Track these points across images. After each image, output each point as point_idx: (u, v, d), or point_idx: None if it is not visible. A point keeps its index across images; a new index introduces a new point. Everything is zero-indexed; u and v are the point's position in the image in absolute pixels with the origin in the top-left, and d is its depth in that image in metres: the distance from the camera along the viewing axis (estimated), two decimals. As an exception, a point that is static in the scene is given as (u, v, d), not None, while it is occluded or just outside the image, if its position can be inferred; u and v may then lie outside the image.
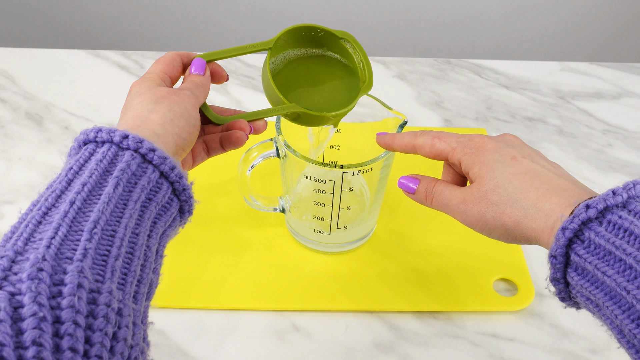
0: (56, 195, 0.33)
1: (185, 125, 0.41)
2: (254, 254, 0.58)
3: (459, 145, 0.40)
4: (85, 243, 0.31)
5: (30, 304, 0.26)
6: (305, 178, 0.53)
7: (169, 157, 0.37)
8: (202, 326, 0.53)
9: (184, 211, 0.40)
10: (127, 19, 1.45)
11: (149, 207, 0.36)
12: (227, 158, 0.66)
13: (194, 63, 0.46)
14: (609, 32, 1.49)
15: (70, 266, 0.29)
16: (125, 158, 0.36)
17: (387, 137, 0.46)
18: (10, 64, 0.81)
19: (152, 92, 0.41)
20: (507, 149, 0.39)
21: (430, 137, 0.42)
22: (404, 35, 1.48)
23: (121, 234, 0.33)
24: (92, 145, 0.36)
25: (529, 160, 0.38)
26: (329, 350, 0.52)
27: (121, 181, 0.35)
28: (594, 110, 0.79)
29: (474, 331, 0.54)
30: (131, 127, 0.38)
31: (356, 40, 0.50)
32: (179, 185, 0.38)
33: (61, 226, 0.31)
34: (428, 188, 0.43)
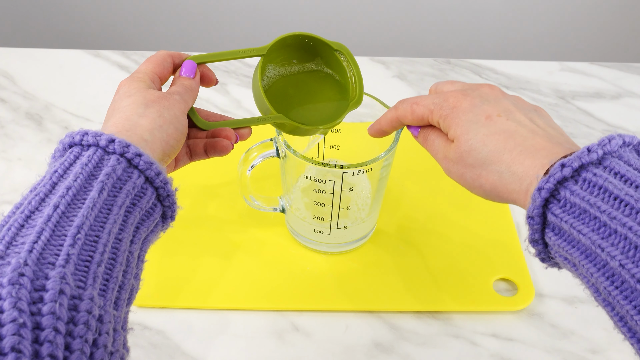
0: (40, 199, 0.33)
1: (173, 132, 0.40)
2: (254, 254, 0.58)
3: (435, 108, 0.40)
4: (68, 249, 0.30)
5: (10, 310, 0.26)
6: (305, 178, 0.53)
7: (155, 162, 0.37)
8: (202, 326, 0.53)
9: (167, 217, 0.40)
10: (127, 19, 1.45)
11: (133, 213, 0.36)
12: (227, 158, 0.66)
13: (184, 65, 0.45)
14: (609, 32, 1.49)
15: (52, 272, 0.29)
16: (111, 162, 0.35)
17: (374, 124, 0.46)
18: (10, 64, 0.81)
19: (143, 95, 0.40)
20: (482, 107, 0.39)
21: (409, 103, 0.42)
22: (404, 35, 1.48)
23: (104, 240, 0.33)
24: (78, 148, 0.36)
25: (504, 117, 0.38)
26: (329, 350, 0.52)
27: (106, 186, 0.34)
28: (594, 110, 0.79)
29: (474, 331, 0.54)
30: (119, 131, 0.38)
31: (350, 53, 0.50)
32: (163, 191, 0.38)
33: (44, 230, 0.30)
34: (425, 134, 0.43)
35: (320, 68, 0.52)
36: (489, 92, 0.40)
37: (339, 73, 0.51)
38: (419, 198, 0.64)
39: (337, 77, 0.51)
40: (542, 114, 0.39)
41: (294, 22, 1.44)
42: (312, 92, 0.51)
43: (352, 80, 0.50)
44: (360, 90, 0.50)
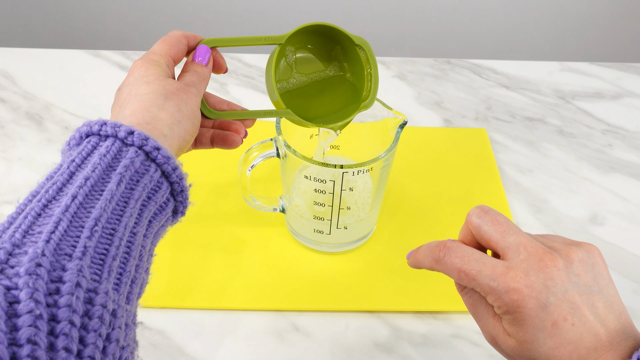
0: (57, 188, 0.32)
1: (190, 128, 0.40)
2: (254, 254, 0.58)
3: (492, 293, 0.35)
4: (86, 240, 0.30)
5: (26, 300, 0.26)
6: (305, 178, 0.53)
7: (172, 157, 0.37)
8: (202, 326, 0.53)
9: (177, 212, 0.39)
10: (127, 19, 1.45)
11: (148, 206, 0.35)
12: (227, 158, 0.66)
13: (198, 50, 0.44)
14: (609, 32, 1.49)
15: (69, 264, 0.28)
16: (129, 154, 0.35)
17: (411, 258, 0.40)
18: (10, 64, 0.81)
19: (162, 85, 0.40)
20: (548, 309, 0.34)
21: (456, 268, 0.36)
22: (404, 35, 1.48)
23: (120, 233, 0.32)
24: (95, 138, 0.35)
25: (570, 321, 0.33)
26: (329, 350, 0.52)
27: (124, 178, 0.34)
28: (594, 110, 0.79)
29: (474, 331, 0.54)
30: (139, 123, 0.37)
31: (371, 50, 0.48)
32: (178, 186, 0.38)
33: (62, 220, 0.30)
34: (472, 300, 0.38)
35: (337, 64, 0.50)
36: (555, 275, 0.34)
37: (356, 69, 0.50)
38: (419, 198, 0.64)
39: (350, 76, 0.50)
40: (598, 274, 0.35)
41: (295, 21, 1.44)
42: (325, 89, 0.51)
43: (368, 79, 0.49)
44: (375, 90, 0.49)
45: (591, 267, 0.35)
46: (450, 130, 0.74)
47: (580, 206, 0.66)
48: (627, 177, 0.70)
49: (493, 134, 0.74)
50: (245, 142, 0.57)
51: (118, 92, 0.41)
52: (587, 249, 0.35)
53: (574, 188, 0.68)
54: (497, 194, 0.65)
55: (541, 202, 0.66)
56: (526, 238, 0.35)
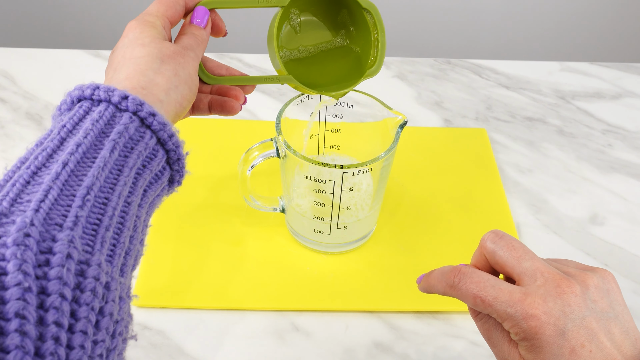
0: (47, 154, 0.31)
1: (187, 93, 0.38)
2: (254, 254, 0.58)
3: (509, 319, 0.34)
4: (77, 210, 0.29)
5: (14, 272, 0.24)
6: (305, 178, 0.53)
7: (168, 123, 0.35)
8: (202, 326, 0.53)
9: (173, 181, 0.38)
10: (127, 19, 1.45)
11: (143, 175, 0.34)
12: (227, 157, 0.66)
13: (196, 11, 0.42)
14: (609, 32, 1.49)
15: (60, 234, 0.27)
16: (123, 120, 0.33)
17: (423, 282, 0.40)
18: (10, 64, 0.81)
19: (158, 48, 0.38)
20: (566, 336, 0.33)
21: (472, 294, 0.35)
22: (404, 35, 1.48)
23: (114, 203, 0.31)
24: (88, 102, 0.34)
25: (588, 347, 0.33)
26: (329, 350, 0.52)
27: (118, 145, 0.32)
28: (594, 110, 0.79)
29: (474, 331, 0.54)
30: (134, 87, 0.35)
31: (379, 15, 0.46)
32: (174, 154, 0.36)
33: (52, 189, 0.28)
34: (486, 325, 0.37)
35: (343, 28, 0.48)
36: (572, 301, 0.34)
37: (363, 34, 0.48)
38: (419, 198, 0.64)
39: (356, 42, 0.48)
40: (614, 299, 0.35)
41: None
42: (329, 55, 0.49)
43: (375, 44, 0.47)
44: (381, 57, 0.47)
45: (607, 292, 0.35)
46: (450, 130, 0.74)
47: (580, 206, 0.66)
48: (627, 177, 0.70)
49: (493, 134, 0.74)
50: (246, 142, 0.57)
51: (112, 55, 0.39)
52: (602, 275, 0.35)
53: (574, 188, 0.68)
54: (497, 194, 0.65)
55: (541, 202, 0.66)
56: (542, 264, 0.35)
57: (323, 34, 0.49)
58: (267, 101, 0.78)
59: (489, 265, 0.38)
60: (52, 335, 0.25)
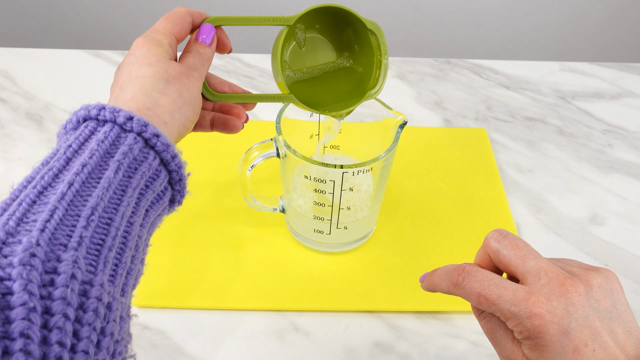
0: (53, 174, 0.31)
1: (191, 114, 0.39)
2: (254, 254, 0.58)
3: (513, 318, 0.34)
4: (82, 230, 0.29)
5: (20, 292, 0.25)
6: (305, 178, 0.53)
7: (171, 144, 0.35)
8: (202, 326, 0.53)
9: (174, 201, 0.38)
10: (127, 19, 1.45)
11: (145, 195, 0.34)
12: (227, 158, 0.66)
13: (202, 29, 0.43)
14: (609, 32, 1.49)
15: (65, 254, 0.28)
16: (128, 141, 0.34)
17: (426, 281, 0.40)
18: (10, 64, 0.81)
19: (164, 68, 0.38)
20: (570, 335, 0.33)
21: (476, 292, 0.35)
22: (404, 35, 1.48)
23: (117, 223, 0.31)
24: (93, 122, 0.34)
25: (591, 347, 0.33)
26: (329, 350, 0.52)
27: (122, 165, 0.33)
28: (594, 110, 0.79)
29: (474, 331, 0.54)
30: (139, 108, 0.36)
31: (383, 37, 0.47)
32: (176, 174, 0.37)
33: (57, 209, 0.29)
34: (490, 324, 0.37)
35: (347, 48, 0.49)
36: (576, 300, 0.34)
37: (366, 55, 0.48)
38: (419, 198, 0.64)
39: (359, 62, 0.49)
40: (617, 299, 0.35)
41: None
42: (332, 74, 0.49)
43: (377, 66, 0.48)
44: (383, 79, 0.48)
45: (610, 292, 0.35)
46: (450, 130, 0.74)
47: (580, 206, 0.66)
48: (627, 177, 0.70)
49: (493, 134, 0.74)
50: (246, 142, 0.57)
51: (118, 72, 0.40)
52: (606, 275, 0.35)
53: (574, 188, 0.68)
54: (497, 194, 0.65)
55: (541, 202, 0.66)
56: (546, 263, 0.35)
57: (327, 52, 0.49)
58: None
59: (492, 264, 0.38)
60: (55, 355, 0.25)
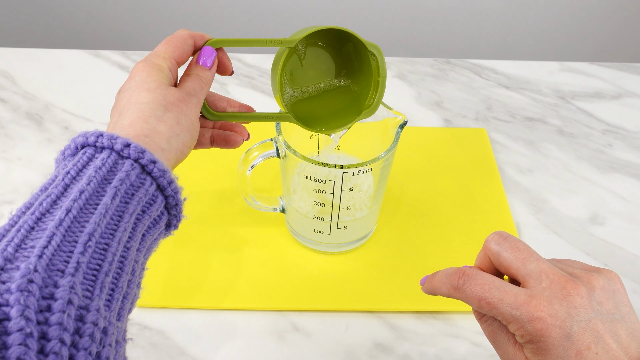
0: (51, 200, 0.32)
1: (189, 140, 0.40)
2: (254, 254, 0.58)
3: (514, 322, 0.34)
4: (79, 256, 0.30)
5: (17, 318, 0.25)
6: (305, 178, 0.53)
7: (168, 170, 0.36)
8: (202, 326, 0.53)
9: (170, 225, 0.39)
10: (127, 19, 1.45)
11: (142, 220, 0.35)
12: (227, 158, 0.66)
13: (203, 52, 0.43)
14: (609, 32, 1.49)
15: (62, 280, 0.28)
16: (125, 167, 0.34)
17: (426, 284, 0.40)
18: (10, 64, 0.81)
19: (163, 94, 0.39)
20: (572, 338, 0.33)
21: (477, 296, 0.35)
22: (404, 35, 1.48)
23: (114, 249, 0.32)
24: (91, 149, 0.35)
25: (594, 349, 0.33)
26: (329, 350, 0.52)
27: (119, 191, 0.34)
28: (594, 110, 0.79)
29: (474, 331, 0.54)
30: (137, 135, 0.37)
31: (383, 59, 0.48)
32: (172, 199, 0.37)
33: (55, 235, 0.30)
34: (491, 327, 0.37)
35: (346, 68, 0.50)
36: (578, 303, 0.34)
37: (365, 75, 0.49)
38: (419, 198, 0.64)
39: (357, 82, 0.50)
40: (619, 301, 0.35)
41: (295, 22, 1.44)
42: (330, 93, 0.50)
43: (375, 86, 0.48)
44: (379, 100, 0.49)
45: (612, 294, 0.35)
46: (450, 130, 0.74)
47: (580, 206, 0.66)
48: (627, 177, 0.70)
49: (493, 134, 0.74)
50: (245, 143, 0.57)
51: (118, 95, 0.41)
52: (608, 276, 0.35)
53: (574, 188, 0.68)
54: (497, 194, 0.65)
55: (541, 202, 0.66)
56: (547, 265, 0.35)
57: (326, 69, 0.50)
58: (267, 101, 0.78)
59: (493, 266, 0.38)
60: None
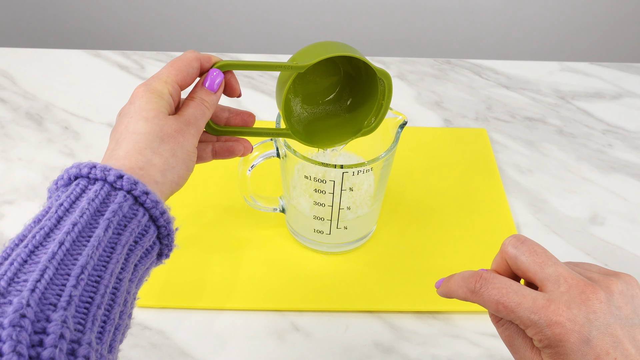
0: (44, 233, 0.32)
1: (184, 172, 0.40)
2: (254, 254, 0.58)
3: (533, 326, 0.34)
4: (71, 289, 0.30)
5: (9, 354, 0.26)
6: (305, 178, 0.53)
7: (160, 201, 0.36)
8: (202, 326, 0.53)
9: (162, 254, 0.39)
10: (127, 19, 1.45)
11: (134, 251, 0.35)
12: (227, 158, 0.66)
13: (210, 75, 0.43)
14: (609, 32, 1.49)
15: (54, 314, 0.28)
16: (118, 199, 0.34)
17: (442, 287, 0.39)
18: (10, 64, 0.81)
19: (160, 125, 0.39)
20: (591, 344, 0.33)
21: (494, 299, 0.35)
22: (404, 35, 1.48)
23: (106, 281, 0.32)
24: (84, 181, 0.35)
25: (612, 356, 0.33)
26: (329, 350, 0.52)
27: (112, 223, 0.34)
28: (594, 110, 0.79)
29: (474, 331, 0.54)
30: (132, 167, 0.37)
31: (391, 85, 0.48)
32: (165, 230, 0.37)
33: (48, 268, 0.30)
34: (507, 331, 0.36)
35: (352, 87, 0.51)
36: (597, 308, 0.33)
37: (369, 95, 0.49)
38: (419, 198, 0.64)
39: (356, 104, 0.51)
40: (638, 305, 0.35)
41: (295, 22, 1.44)
42: (331, 112, 0.51)
43: (378, 109, 0.49)
44: (379, 122, 0.50)
45: (631, 298, 0.34)
46: (450, 130, 0.74)
47: (580, 206, 0.66)
48: (627, 177, 0.70)
49: (493, 134, 0.74)
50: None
51: (118, 119, 0.40)
52: (626, 280, 0.35)
53: (574, 188, 0.68)
54: (497, 194, 0.65)
55: (541, 202, 0.66)
56: (565, 269, 0.35)
57: (331, 85, 0.51)
58: (267, 101, 0.78)
59: (510, 270, 0.37)
60: None
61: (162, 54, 0.84)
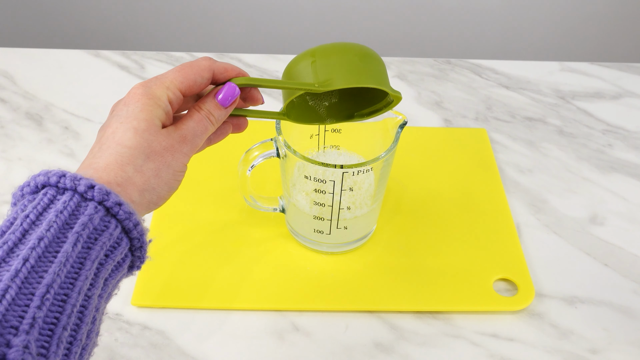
0: (8, 248, 0.29)
1: (165, 193, 0.37)
2: (254, 254, 0.58)
3: None
4: (35, 311, 0.28)
5: None
6: (305, 178, 0.53)
7: (134, 212, 0.34)
8: (202, 326, 0.53)
9: (133, 266, 0.37)
10: (127, 19, 1.45)
11: (105, 266, 0.33)
12: (226, 158, 0.66)
13: (224, 90, 0.40)
14: (609, 32, 1.49)
15: (15, 339, 0.26)
16: (88, 211, 0.32)
17: None
18: (10, 64, 0.81)
19: (148, 141, 0.36)
20: None
21: None
22: (404, 35, 1.48)
23: (73, 300, 0.30)
24: (53, 190, 0.32)
25: None
26: (329, 350, 0.52)
27: (81, 237, 0.31)
28: (594, 110, 0.79)
29: (474, 331, 0.54)
30: (109, 182, 0.34)
31: (398, 103, 0.47)
32: (137, 242, 0.35)
33: (10, 288, 0.27)
34: None
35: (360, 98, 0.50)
36: None
37: (373, 101, 0.49)
38: (419, 198, 0.64)
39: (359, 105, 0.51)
40: None
41: (295, 22, 1.44)
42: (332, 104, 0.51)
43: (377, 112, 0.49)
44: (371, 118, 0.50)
45: None
46: (450, 130, 0.74)
47: (580, 206, 0.66)
48: (627, 177, 0.70)
49: (493, 134, 0.74)
50: (245, 142, 0.57)
51: (110, 114, 0.38)
52: None
53: (574, 188, 0.68)
54: (497, 194, 0.65)
55: (541, 202, 0.66)
56: None
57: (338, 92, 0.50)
58: (266, 101, 0.78)
59: None
60: None
61: (162, 54, 0.84)
